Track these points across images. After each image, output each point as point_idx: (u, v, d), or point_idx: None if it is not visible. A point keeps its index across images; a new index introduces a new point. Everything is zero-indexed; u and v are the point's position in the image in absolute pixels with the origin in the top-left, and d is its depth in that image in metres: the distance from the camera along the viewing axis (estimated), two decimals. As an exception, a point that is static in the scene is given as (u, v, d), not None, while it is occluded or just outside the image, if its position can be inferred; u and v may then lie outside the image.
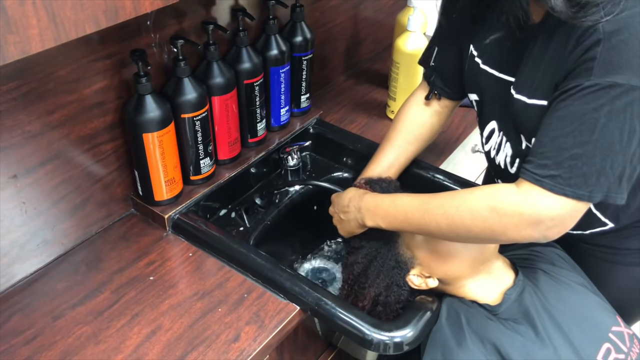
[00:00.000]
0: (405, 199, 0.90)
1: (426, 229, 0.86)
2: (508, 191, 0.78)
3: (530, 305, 0.90)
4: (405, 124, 1.14)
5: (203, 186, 1.15)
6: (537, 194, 0.75)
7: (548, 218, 0.75)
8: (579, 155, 0.73)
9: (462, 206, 0.81)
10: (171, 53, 1.05)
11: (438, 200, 0.85)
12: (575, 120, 0.73)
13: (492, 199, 0.79)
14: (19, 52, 0.55)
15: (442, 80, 1.10)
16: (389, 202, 0.92)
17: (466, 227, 0.81)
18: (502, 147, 0.96)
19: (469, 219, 0.80)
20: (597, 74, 0.71)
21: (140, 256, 1.05)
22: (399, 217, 0.89)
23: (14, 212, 0.93)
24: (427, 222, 0.85)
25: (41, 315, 0.93)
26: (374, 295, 0.97)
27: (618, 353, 0.89)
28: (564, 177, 0.73)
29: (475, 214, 0.79)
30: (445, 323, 0.90)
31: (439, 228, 0.84)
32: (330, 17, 1.49)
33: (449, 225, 0.82)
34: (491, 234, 0.79)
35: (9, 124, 0.87)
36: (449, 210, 0.82)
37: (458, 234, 0.83)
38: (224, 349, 0.89)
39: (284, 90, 1.26)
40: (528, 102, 0.84)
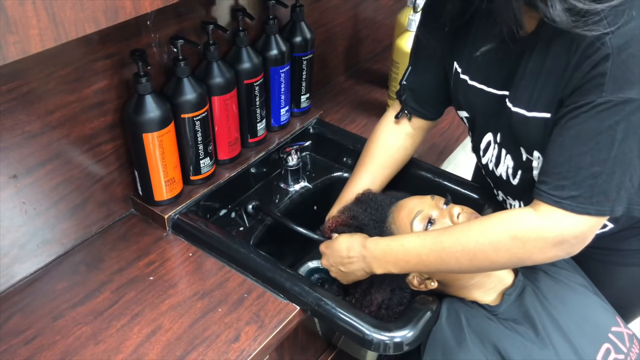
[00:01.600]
0: (414, 240, 0.87)
1: (445, 268, 0.85)
2: (527, 216, 0.77)
3: (530, 306, 0.90)
4: (378, 149, 1.12)
5: (203, 186, 1.15)
6: (558, 216, 0.74)
7: (572, 237, 0.75)
8: (599, 174, 0.72)
9: (481, 239, 0.80)
10: (171, 53, 1.05)
11: (454, 237, 0.83)
12: (591, 139, 0.72)
13: (512, 227, 0.78)
14: (19, 52, 0.55)
15: (415, 100, 1.07)
16: (397, 247, 0.89)
17: (490, 260, 0.80)
18: (501, 160, 0.95)
19: (492, 252, 0.79)
20: (609, 90, 0.70)
21: (140, 256, 1.05)
22: (412, 260, 0.87)
23: (14, 212, 0.93)
24: (446, 261, 0.83)
25: (41, 315, 0.93)
26: (380, 301, 0.96)
27: (618, 353, 0.89)
28: (584, 196, 0.73)
29: (498, 245, 0.78)
30: (445, 323, 0.90)
31: (459, 265, 0.82)
32: (330, 17, 1.49)
33: (470, 260, 0.81)
34: (517, 261, 0.79)
35: (9, 124, 0.87)
36: (468, 245, 0.81)
37: (480, 267, 0.82)
38: (224, 349, 0.89)
39: (284, 90, 1.26)
40: (528, 115, 0.82)
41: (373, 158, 1.12)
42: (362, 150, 1.15)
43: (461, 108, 0.99)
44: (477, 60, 0.89)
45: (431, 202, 0.95)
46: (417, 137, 1.12)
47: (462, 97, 0.96)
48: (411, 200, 0.97)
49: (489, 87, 0.90)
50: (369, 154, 1.13)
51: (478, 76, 0.91)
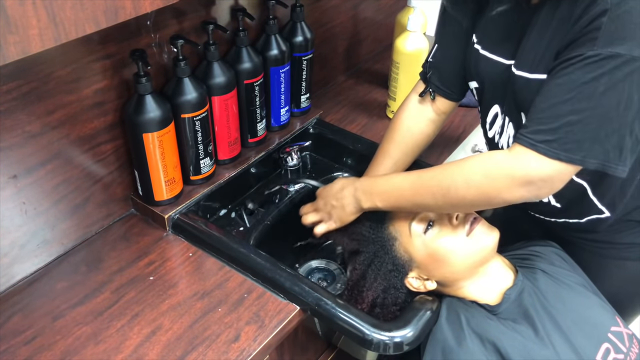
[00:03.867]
0: (399, 176, 0.94)
1: (422, 203, 0.89)
2: (500, 156, 0.81)
3: (529, 305, 0.90)
4: (401, 134, 1.12)
5: (203, 186, 1.15)
6: (530, 157, 0.77)
7: (539, 179, 0.77)
8: (575, 122, 0.74)
9: (456, 176, 0.84)
10: (171, 53, 1.05)
11: (431, 173, 0.88)
12: (574, 89, 0.74)
13: (484, 165, 0.82)
14: (19, 52, 0.55)
15: (440, 78, 1.07)
16: (383, 181, 0.96)
17: (461, 195, 0.83)
18: (504, 129, 0.96)
19: (463, 187, 0.83)
20: (600, 44, 0.72)
21: (140, 256, 1.05)
22: (395, 193, 0.92)
23: (14, 212, 0.93)
24: (423, 195, 0.88)
25: (41, 315, 0.93)
26: (372, 298, 0.97)
27: (617, 353, 0.89)
28: (559, 142, 0.75)
29: (470, 182, 0.82)
30: (445, 323, 0.91)
31: (434, 200, 0.86)
32: (330, 17, 1.49)
33: (444, 195, 0.85)
34: (486, 198, 0.82)
35: (9, 124, 0.87)
36: (444, 181, 0.85)
37: (453, 203, 0.85)
38: (224, 349, 0.89)
39: (284, 90, 1.26)
40: (530, 77, 0.84)
41: (395, 144, 1.13)
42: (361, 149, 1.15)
43: (472, 78, 1.01)
44: (489, 30, 0.93)
45: None
46: (439, 123, 1.13)
47: (473, 67, 0.98)
48: None
49: (498, 56, 0.92)
50: (391, 138, 1.13)
51: (489, 45, 0.94)
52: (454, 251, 0.90)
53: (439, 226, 0.92)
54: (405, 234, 0.94)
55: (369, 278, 0.97)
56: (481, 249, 0.91)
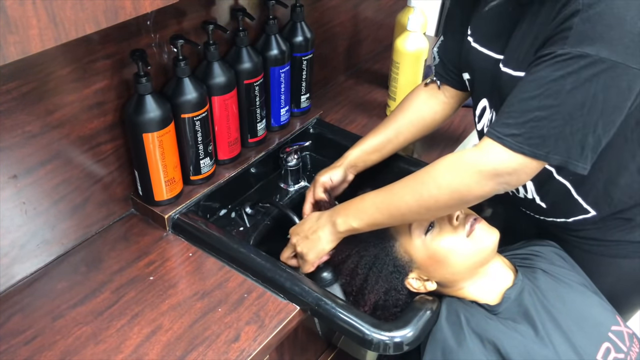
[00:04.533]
0: (372, 193, 0.92)
1: (397, 214, 0.88)
2: (467, 153, 0.82)
3: (529, 305, 0.90)
4: (408, 108, 1.15)
5: (203, 186, 1.15)
6: (496, 150, 0.78)
7: (506, 172, 0.79)
8: (541, 118, 0.76)
9: (425, 178, 0.85)
10: (171, 53, 1.05)
11: (402, 183, 0.88)
12: (542, 85, 0.75)
13: (452, 164, 0.83)
14: (19, 52, 0.55)
15: (443, 68, 1.11)
16: (357, 200, 0.94)
17: (434, 197, 0.83)
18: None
19: (435, 189, 0.83)
20: (570, 43, 0.73)
21: (140, 256, 1.05)
22: (369, 210, 0.91)
23: (14, 212, 0.93)
24: (397, 205, 0.87)
25: (41, 315, 0.93)
26: (374, 301, 0.96)
27: (618, 352, 0.89)
28: (524, 136, 0.76)
29: (440, 182, 0.83)
30: (445, 323, 0.90)
31: (409, 208, 0.86)
32: (330, 17, 1.49)
33: (417, 201, 0.85)
34: (458, 197, 0.82)
35: (9, 124, 0.87)
36: (415, 186, 0.86)
37: (428, 207, 0.85)
38: (224, 349, 0.89)
39: (284, 90, 1.26)
40: (514, 74, 0.85)
41: (401, 114, 1.14)
42: None
43: (464, 70, 1.03)
44: (482, 23, 0.94)
45: None
46: (448, 106, 1.14)
47: (464, 59, 1.00)
48: None
49: (489, 50, 0.93)
50: (397, 110, 1.16)
51: (480, 39, 0.95)
52: (454, 252, 0.90)
53: (439, 227, 0.92)
54: (405, 235, 0.94)
55: (370, 281, 0.97)
56: (481, 249, 0.91)
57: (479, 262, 0.91)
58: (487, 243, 0.91)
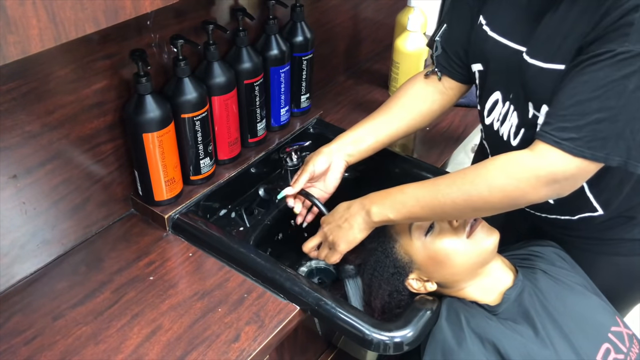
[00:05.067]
0: (412, 185, 0.89)
1: (440, 210, 0.85)
2: (523, 156, 0.79)
3: (529, 306, 0.90)
4: (404, 96, 1.10)
5: (203, 186, 1.15)
6: (554, 155, 0.76)
7: (563, 177, 0.77)
8: (602, 120, 0.73)
9: (477, 180, 0.81)
10: (171, 53, 1.05)
11: (449, 180, 0.85)
12: (602, 86, 0.73)
13: (507, 166, 0.80)
14: (19, 52, 0.55)
15: (446, 58, 1.06)
16: (395, 191, 0.90)
17: (485, 200, 0.81)
18: (508, 117, 0.94)
19: (486, 191, 0.80)
20: (632, 40, 0.70)
21: (140, 256, 1.05)
22: (409, 202, 0.88)
23: (14, 212, 0.93)
24: (442, 202, 0.84)
25: (41, 315, 0.93)
26: (381, 306, 0.96)
27: (617, 353, 0.89)
28: (584, 139, 0.74)
29: (493, 185, 0.80)
30: (445, 323, 0.90)
31: (454, 206, 0.83)
32: (330, 17, 1.49)
33: (465, 201, 0.82)
34: (510, 201, 0.80)
35: (9, 124, 0.87)
36: (464, 186, 0.82)
37: (475, 207, 0.83)
38: (224, 349, 0.89)
39: (284, 90, 1.26)
40: (544, 66, 0.82)
41: (396, 100, 1.10)
42: None
43: (476, 60, 0.98)
44: (499, 12, 0.91)
45: None
46: (447, 97, 1.10)
47: (479, 49, 0.96)
48: None
49: (508, 40, 0.90)
50: (393, 97, 1.11)
51: (499, 28, 0.92)
52: (454, 253, 0.90)
53: (439, 228, 0.92)
54: (405, 236, 0.94)
55: (374, 286, 0.97)
56: (481, 250, 0.91)
57: (479, 262, 0.91)
58: (487, 244, 0.91)
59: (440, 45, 1.06)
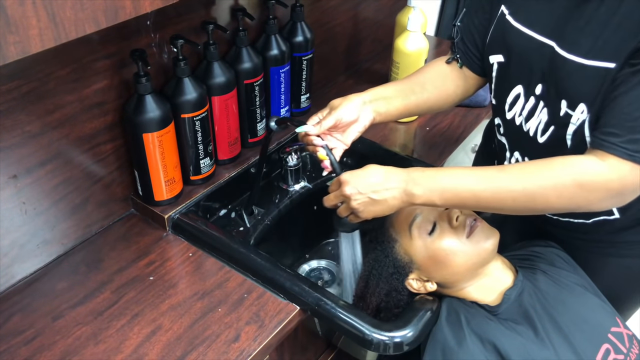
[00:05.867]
0: (466, 172, 0.83)
1: (497, 206, 0.83)
2: (595, 165, 0.76)
3: (529, 306, 0.90)
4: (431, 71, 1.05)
5: (203, 186, 1.15)
6: (626, 168, 0.74)
7: (631, 189, 0.76)
8: None
9: (545, 183, 0.78)
10: (171, 53, 1.05)
11: (512, 177, 0.81)
12: None
13: (579, 174, 0.77)
14: (19, 52, 0.55)
15: (463, 45, 1.02)
16: (446, 176, 0.84)
17: (549, 203, 0.79)
18: (536, 114, 0.91)
19: (554, 196, 0.78)
20: None
21: (140, 256, 1.05)
22: (463, 193, 0.82)
23: (14, 212, 0.93)
24: (501, 199, 0.81)
25: (41, 315, 0.93)
26: (376, 304, 0.96)
27: (617, 354, 0.89)
28: None
29: (562, 191, 0.77)
30: (445, 323, 0.90)
31: (514, 205, 0.81)
32: (330, 17, 1.49)
33: (527, 202, 0.80)
34: (575, 207, 0.79)
35: (9, 124, 0.87)
36: (530, 187, 0.79)
37: (536, 209, 0.81)
38: (224, 349, 0.89)
39: (284, 90, 1.26)
40: (585, 63, 0.79)
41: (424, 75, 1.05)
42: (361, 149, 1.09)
43: (496, 52, 0.94)
44: (528, 2, 0.87)
45: None
46: (467, 85, 1.06)
47: (501, 39, 0.92)
48: None
49: (535, 31, 0.86)
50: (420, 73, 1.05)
51: (525, 19, 0.88)
52: (454, 253, 0.90)
53: (440, 228, 0.92)
54: (405, 236, 0.94)
55: (371, 283, 0.97)
56: (481, 250, 0.91)
57: (479, 262, 0.91)
58: (487, 244, 0.91)
59: (459, 31, 1.02)
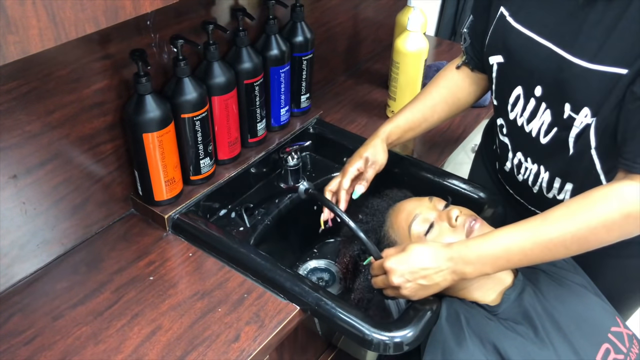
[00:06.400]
0: (513, 236, 0.82)
1: (551, 258, 0.83)
2: (636, 192, 0.77)
3: (529, 306, 0.90)
4: (440, 85, 1.09)
5: (203, 186, 1.15)
6: None
7: None
8: None
9: (592, 222, 0.78)
10: (171, 53, 1.05)
11: (559, 225, 0.80)
12: None
13: (624, 205, 0.77)
14: (19, 52, 0.55)
15: (473, 49, 1.06)
16: (494, 247, 0.83)
17: (601, 240, 0.79)
18: (537, 115, 0.91)
19: (604, 232, 0.78)
20: None
21: (140, 256, 1.05)
22: (514, 258, 0.82)
23: (14, 212, 0.93)
24: (553, 251, 0.81)
25: (41, 315, 0.93)
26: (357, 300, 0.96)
27: (617, 354, 0.89)
28: None
29: (611, 225, 0.78)
30: (445, 323, 0.90)
31: (567, 252, 0.81)
32: (330, 17, 1.49)
33: (580, 245, 0.80)
34: (626, 236, 0.80)
35: (9, 124, 0.87)
36: (579, 231, 0.79)
37: (590, 248, 0.81)
38: (224, 349, 0.89)
39: (284, 90, 1.26)
40: (590, 67, 0.79)
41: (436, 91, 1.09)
42: None
43: (496, 52, 0.95)
44: (530, 3, 0.87)
45: (429, 204, 0.95)
46: (480, 87, 1.09)
47: (500, 40, 0.93)
48: (409, 203, 0.97)
49: (535, 33, 0.87)
50: (431, 88, 1.10)
51: (526, 20, 0.88)
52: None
53: (439, 228, 0.92)
54: (405, 237, 0.94)
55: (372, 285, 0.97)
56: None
57: (479, 262, 0.91)
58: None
59: (468, 37, 1.05)
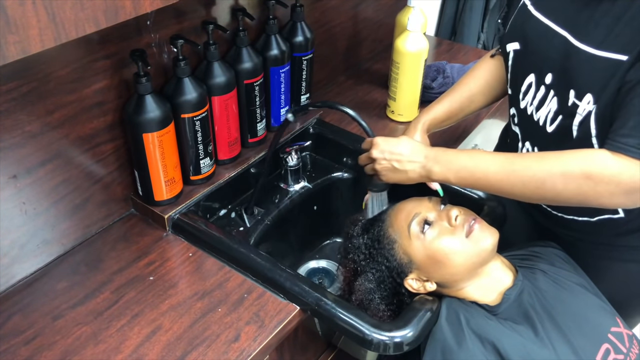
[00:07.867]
0: (483, 155, 0.88)
1: (507, 190, 0.85)
2: (605, 159, 0.77)
3: (529, 306, 0.90)
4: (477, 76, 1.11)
5: (203, 186, 1.15)
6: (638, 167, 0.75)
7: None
8: None
9: (554, 169, 0.80)
10: (171, 53, 1.05)
11: (525, 162, 0.84)
12: None
13: (588, 165, 0.78)
14: (19, 52, 0.55)
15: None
16: (465, 157, 0.90)
17: (556, 191, 0.80)
18: (546, 103, 0.92)
19: (561, 183, 0.80)
20: None
21: (140, 256, 1.05)
22: (477, 173, 0.88)
23: (14, 212, 0.93)
24: (512, 183, 0.84)
25: (41, 315, 0.93)
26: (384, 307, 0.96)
27: (617, 354, 0.89)
28: None
29: (569, 179, 0.79)
30: (445, 323, 0.90)
31: (523, 189, 0.83)
32: (330, 17, 1.49)
33: (537, 188, 0.82)
34: (582, 199, 0.80)
35: (9, 124, 0.87)
36: (539, 173, 0.81)
37: (545, 196, 0.83)
38: (224, 349, 0.89)
39: (284, 90, 1.26)
40: (596, 54, 0.79)
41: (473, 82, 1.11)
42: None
43: (513, 39, 0.96)
44: None
45: (428, 204, 0.95)
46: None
47: (519, 27, 0.94)
48: (408, 203, 0.97)
49: (551, 21, 0.88)
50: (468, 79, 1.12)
51: (544, 8, 0.90)
52: (453, 252, 0.90)
53: (439, 227, 0.92)
54: (404, 236, 0.94)
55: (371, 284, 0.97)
56: (480, 250, 0.90)
57: (479, 262, 0.91)
58: (487, 243, 0.91)
59: (502, 27, 1.06)
